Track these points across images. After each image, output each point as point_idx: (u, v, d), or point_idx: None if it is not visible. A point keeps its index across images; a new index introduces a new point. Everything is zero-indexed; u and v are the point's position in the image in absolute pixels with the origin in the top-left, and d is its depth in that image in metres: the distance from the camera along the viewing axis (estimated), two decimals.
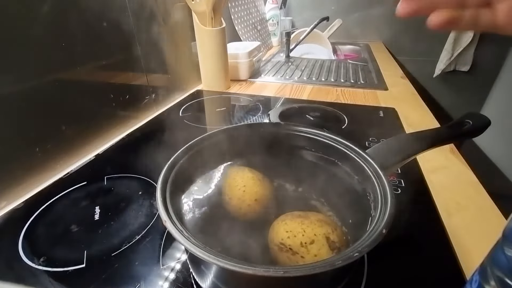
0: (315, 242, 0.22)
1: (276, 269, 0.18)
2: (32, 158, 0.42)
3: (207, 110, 0.69)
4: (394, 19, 1.39)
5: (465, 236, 0.34)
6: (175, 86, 0.74)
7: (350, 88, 0.82)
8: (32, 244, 0.32)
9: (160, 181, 0.25)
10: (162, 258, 0.30)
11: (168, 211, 0.22)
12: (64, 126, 0.46)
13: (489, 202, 0.39)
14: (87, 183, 0.42)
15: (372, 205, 0.25)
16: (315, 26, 1.12)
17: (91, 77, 0.50)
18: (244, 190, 0.27)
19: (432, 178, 0.43)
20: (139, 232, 0.33)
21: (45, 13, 0.41)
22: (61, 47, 0.44)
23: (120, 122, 0.57)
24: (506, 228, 0.18)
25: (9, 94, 0.38)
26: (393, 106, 0.67)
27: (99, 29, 0.50)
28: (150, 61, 0.63)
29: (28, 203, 0.38)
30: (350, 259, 0.18)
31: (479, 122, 0.32)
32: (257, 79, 0.88)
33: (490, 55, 1.30)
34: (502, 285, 0.17)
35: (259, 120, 0.61)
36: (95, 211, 0.36)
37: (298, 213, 0.25)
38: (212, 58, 0.74)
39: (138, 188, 0.40)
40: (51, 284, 0.28)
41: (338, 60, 1.11)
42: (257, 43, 0.91)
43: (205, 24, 0.69)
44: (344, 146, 0.31)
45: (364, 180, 0.28)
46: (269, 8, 1.30)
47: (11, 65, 0.38)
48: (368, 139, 0.52)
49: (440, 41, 1.33)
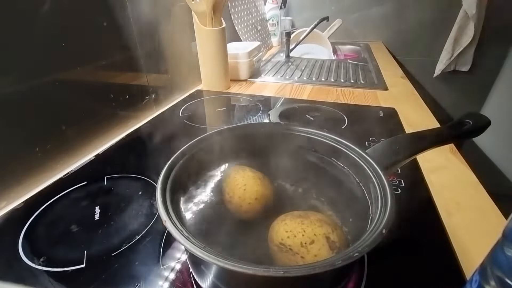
0: (315, 242, 0.22)
1: (276, 269, 0.17)
2: (32, 158, 0.42)
3: (207, 110, 0.69)
4: (394, 19, 1.39)
5: (465, 236, 0.34)
6: (175, 86, 0.74)
7: (350, 88, 0.82)
8: (32, 244, 0.32)
9: (160, 181, 0.25)
10: (162, 258, 0.30)
11: (168, 211, 0.22)
12: (64, 126, 0.46)
13: (489, 202, 0.39)
14: (87, 183, 0.42)
15: (372, 205, 0.25)
16: (315, 26, 1.12)
17: (91, 77, 0.50)
18: (245, 189, 0.27)
19: (432, 178, 0.43)
20: (139, 232, 0.33)
21: (45, 13, 0.41)
22: (61, 47, 0.44)
23: (120, 122, 0.57)
24: (506, 228, 0.18)
25: (9, 94, 0.38)
26: (393, 106, 0.67)
27: (99, 29, 0.50)
28: (150, 61, 0.63)
29: (28, 203, 0.38)
30: (350, 259, 0.18)
31: (479, 122, 0.32)
32: (257, 79, 0.88)
33: (490, 55, 1.30)
34: (502, 285, 0.17)
35: (259, 120, 0.61)
36: (95, 211, 0.36)
37: (298, 213, 0.25)
38: (212, 58, 0.74)
39: (138, 188, 0.40)
40: (51, 284, 0.28)
41: (338, 60, 1.11)
42: (257, 43, 0.91)
43: (205, 24, 0.69)
44: (344, 146, 0.31)
45: (364, 180, 0.28)
46: (269, 8, 1.30)
47: (11, 65, 0.38)
48: (368, 139, 0.52)
49: (440, 41, 1.33)
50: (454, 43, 1.29)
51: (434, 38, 1.35)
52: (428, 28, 1.35)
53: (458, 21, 1.25)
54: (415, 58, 1.42)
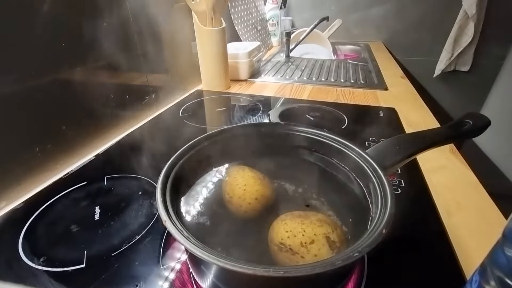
0: (315, 242, 0.22)
1: (276, 269, 0.17)
2: (32, 158, 0.42)
3: (207, 110, 0.69)
4: (394, 19, 1.39)
5: (465, 236, 0.34)
6: (175, 86, 0.74)
7: (350, 88, 0.82)
8: (32, 244, 0.32)
9: (160, 181, 0.25)
10: (162, 258, 0.30)
11: (168, 211, 0.22)
12: (64, 126, 0.46)
13: (489, 202, 0.39)
14: (87, 183, 0.42)
15: (372, 205, 0.25)
16: (315, 26, 1.12)
17: (91, 77, 0.50)
18: (245, 189, 0.27)
19: (432, 178, 0.43)
20: (139, 232, 0.33)
21: (45, 13, 0.41)
22: (61, 47, 0.44)
23: (120, 122, 0.57)
24: (506, 228, 0.18)
25: (9, 94, 0.38)
26: (393, 106, 0.67)
27: (99, 29, 0.50)
28: (150, 61, 0.63)
29: (28, 203, 0.38)
30: (350, 259, 0.18)
31: (479, 122, 0.31)
32: (257, 79, 0.88)
33: (490, 55, 1.30)
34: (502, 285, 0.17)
35: (259, 120, 0.61)
36: (95, 211, 0.36)
37: (298, 213, 0.25)
38: (212, 58, 0.74)
39: (138, 188, 0.40)
40: (51, 284, 0.28)
41: (338, 60, 1.11)
42: (257, 43, 0.91)
43: (205, 24, 0.69)
44: (344, 146, 0.31)
45: (364, 180, 0.28)
46: (269, 8, 1.30)
47: (11, 65, 0.38)
48: (368, 139, 0.52)
49: (440, 41, 1.33)
50: (454, 43, 1.29)
51: (434, 38, 1.35)
52: (428, 28, 1.35)
53: (458, 21, 1.25)
54: (415, 58, 1.42)
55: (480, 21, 1.23)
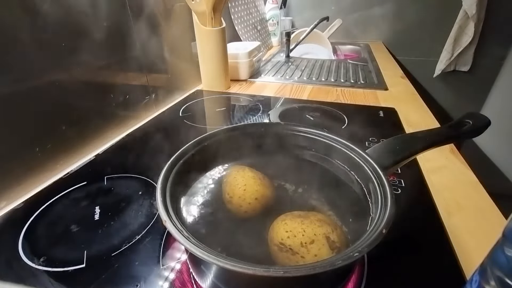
0: (315, 242, 0.22)
1: (276, 269, 0.17)
2: (32, 158, 0.42)
3: (207, 110, 0.69)
4: (394, 19, 1.39)
5: (465, 236, 0.34)
6: (175, 86, 0.74)
7: (350, 88, 0.82)
8: (32, 244, 0.32)
9: (160, 181, 0.25)
10: (162, 258, 0.30)
11: (168, 211, 0.22)
12: (64, 126, 0.46)
13: (489, 202, 0.39)
14: (87, 183, 0.42)
15: (372, 205, 0.25)
16: (315, 26, 1.12)
17: (91, 77, 0.50)
18: (245, 189, 0.27)
19: (432, 178, 0.43)
20: (139, 232, 0.33)
21: (45, 13, 0.41)
22: (61, 47, 0.44)
23: (120, 122, 0.57)
24: (506, 228, 0.18)
25: (9, 94, 0.38)
26: (393, 106, 0.67)
27: (99, 29, 0.50)
28: (150, 61, 0.63)
29: (28, 203, 0.38)
30: (350, 259, 0.18)
31: (479, 122, 0.31)
32: (257, 79, 0.88)
33: (490, 55, 1.30)
34: (502, 285, 0.17)
35: (259, 120, 0.61)
36: (95, 211, 0.36)
37: (298, 213, 0.25)
38: (212, 58, 0.74)
39: (138, 188, 0.40)
40: (51, 284, 0.28)
41: (338, 60, 1.11)
42: (257, 43, 0.91)
43: (205, 24, 0.69)
44: (344, 146, 0.31)
45: (364, 180, 0.28)
46: (269, 8, 1.30)
47: (11, 65, 0.38)
48: (368, 139, 0.52)
49: (440, 41, 1.33)
50: (454, 43, 1.29)
51: (434, 38, 1.35)
52: (428, 28, 1.35)
53: (458, 21, 1.25)
54: (415, 58, 1.42)
55: (480, 21, 1.23)
